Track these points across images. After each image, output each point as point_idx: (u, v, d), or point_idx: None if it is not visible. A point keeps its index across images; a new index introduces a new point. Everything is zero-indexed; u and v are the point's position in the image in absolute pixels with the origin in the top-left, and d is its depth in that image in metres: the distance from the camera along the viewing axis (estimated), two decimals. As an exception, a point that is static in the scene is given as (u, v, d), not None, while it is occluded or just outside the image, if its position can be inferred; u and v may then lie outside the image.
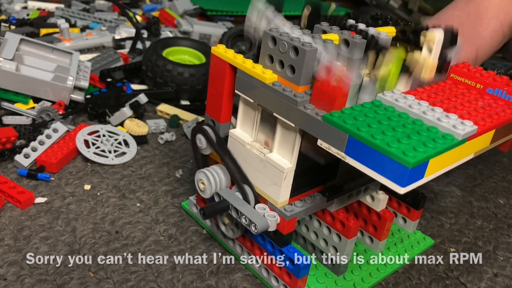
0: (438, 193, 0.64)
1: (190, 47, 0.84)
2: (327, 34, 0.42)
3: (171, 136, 0.68)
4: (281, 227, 0.41)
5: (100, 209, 0.52)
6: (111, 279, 0.43)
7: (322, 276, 0.46)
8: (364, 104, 0.36)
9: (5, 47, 0.68)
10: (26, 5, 1.15)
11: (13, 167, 0.58)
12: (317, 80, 0.36)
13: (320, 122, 0.34)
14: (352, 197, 0.47)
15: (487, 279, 0.49)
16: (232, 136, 0.44)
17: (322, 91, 0.35)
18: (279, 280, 0.44)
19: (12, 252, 0.45)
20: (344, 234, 0.45)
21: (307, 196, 0.43)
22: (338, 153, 0.34)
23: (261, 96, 0.39)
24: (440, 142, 0.32)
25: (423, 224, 0.57)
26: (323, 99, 0.36)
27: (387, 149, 0.30)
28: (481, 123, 0.37)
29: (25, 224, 0.49)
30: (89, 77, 0.73)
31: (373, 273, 0.47)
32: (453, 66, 0.44)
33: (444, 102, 0.39)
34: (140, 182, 0.58)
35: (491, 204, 0.63)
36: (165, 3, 1.28)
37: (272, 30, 0.38)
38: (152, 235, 0.49)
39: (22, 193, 0.51)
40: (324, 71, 0.35)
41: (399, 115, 0.35)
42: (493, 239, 0.55)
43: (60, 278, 0.43)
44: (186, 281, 0.44)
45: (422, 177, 0.32)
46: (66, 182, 0.56)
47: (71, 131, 0.64)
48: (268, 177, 0.41)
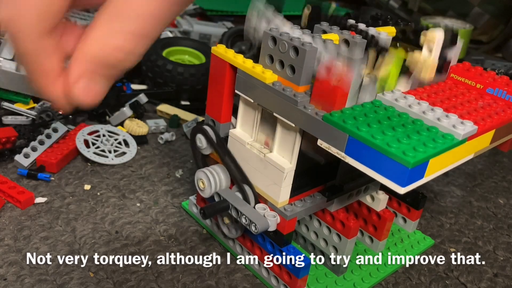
0: (438, 193, 0.64)
1: (190, 47, 0.84)
2: (327, 34, 0.42)
3: (171, 136, 0.68)
4: (281, 227, 0.41)
5: (100, 209, 0.52)
6: (111, 279, 0.43)
7: (322, 276, 0.46)
8: (364, 104, 0.36)
9: (5, 47, 0.68)
10: (26, 5, 1.15)
11: (13, 167, 0.58)
12: (317, 80, 0.36)
13: (320, 122, 0.34)
14: (352, 197, 0.47)
15: (487, 279, 0.49)
16: (232, 136, 0.44)
17: (322, 91, 0.35)
18: (279, 280, 0.44)
19: (12, 252, 0.45)
20: (344, 234, 0.45)
21: (307, 196, 0.43)
22: (338, 153, 0.34)
23: (261, 96, 0.39)
24: (440, 142, 0.32)
25: (423, 224, 0.57)
26: (323, 98, 0.36)
27: (387, 149, 0.30)
28: (481, 123, 0.37)
29: (25, 224, 0.49)
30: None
31: (373, 273, 0.47)
32: (453, 66, 0.44)
33: (444, 102, 0.39)
34: (140, 182, 0.58)
35: (491, 204, 0.63)
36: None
37: (272, 30, 0.38)
38: (152, 235, 0.49)
39: (22, 193, 0.51)
40: (324, 71, 0.35)
41: (399, 115, 0.35)
42: (493, 239, 0.55)
43: (60, 278, 0.43)
44: (186, 281, 0.44)
45: (422, 177, 0.32)
46: (66, 182, 0.56)
47: (71, 131, 0.64)
48: (268, 177, 0.41)
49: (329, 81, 0.35)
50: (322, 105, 0.36)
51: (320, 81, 0.35)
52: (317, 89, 0.36)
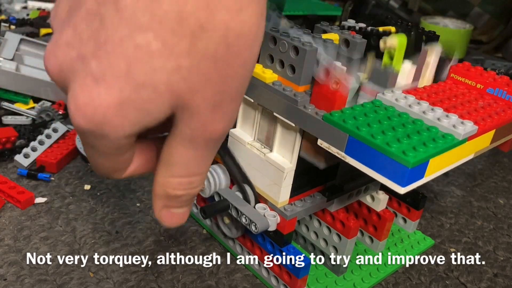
0: (438, 193, 0.64)
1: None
2: (327, 34, 0.42)
3: (171, 136, 0.68)
4: (281, 227, 0.41)
5: (100, 209, 0.52)
6: (111, 279, 0.43)
7: (322, 276, 0.46)
8: (364, 103, 0.36)
9: (5, 47, 0.68)
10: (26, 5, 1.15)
11: (13, 167, 0.58)
12: (317, 83, 0.36)
13: (320, 121, 0.34)
14: (352, 197, 0.47)
15: (487, 279, 0.49)
16: (232, 135, 0.44)
17: (322, 94, 0.35)
18: (279, 280, 0.44)
19: (12, 252, 0.45)
20: (344, 234, 0.44)
21: (307, 196, 0.43)
22: (338, 153, 0.34)
23: (261, 96, 0.39)
24: (440, 142, 0.32)
25: (423, 224, 0.57)
26: (323, 101, 0.36)
27: (387, 149, 0.30)
28: (481, 123, 0.37)
29: (25, 224, 0.49)
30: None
31: (373, 273, 0.47)
32: (454, 66, 0.44)
33: (444, 102, 0.39)
34: (140, 182, 0.58)
35: (491, 204, 0.63)
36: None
37: (272, 30, 0.38)
38: (152, 235, 0.49)
39: (22, 193, 0.51)
40: (323, 74, 0.35)
41: (399, 114, 0.35)
42: (493, 239, 0.55)
43: (60, 278, 0.43)
44: (186, 281, 0.44)
45: (422, 177, 0.32)
46: (66, 182, 0.56)
47: (71, 131, 0.64)
48: (268, 177, 0.41)
49: (328, 86, 0.35)
50: (322, 106, 0.36)
51: (319, 84, 0.35)
52: (316, 91, 0.36)
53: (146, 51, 0.20)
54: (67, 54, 0.22)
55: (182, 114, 0.23)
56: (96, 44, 0.21)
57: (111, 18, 0.20)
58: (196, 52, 0.21)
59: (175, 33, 0.20)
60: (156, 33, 0.20)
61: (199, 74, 0.22)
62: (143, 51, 0.20)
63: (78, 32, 0.21)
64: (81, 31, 0.21)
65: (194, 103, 0.22)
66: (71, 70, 0.22)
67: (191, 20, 0.20)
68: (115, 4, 0.20)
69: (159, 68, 0.21)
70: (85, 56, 0.21)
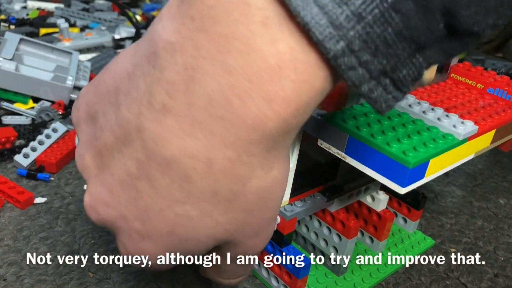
0: (438, 193, 0.63)
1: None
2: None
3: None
4: (281, 227, 0.41)
5: (100, 209, 0.52)
6: (111, 279, 0.43)
7: (322, 276, 0.46)
8: (364, 103, 0.36)
9: (5, 47, 0.68)
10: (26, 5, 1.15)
11: (12, 167, 0.57)
12: None
13: (320, 121, 0.34)
14: (352, 197, 0.47)
15: (487, 279, 0.49)
16: (232, 136, 0.43)
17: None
18: (279, 280, 0.44)
19: (11, 252, 0.45)
20: (344, 234, 0.44)
21: (307, 196, 0.43)
22: (338, 153, 0.34)
23: (261, 96, 0.39)
24: (441, 142, 0.32)
25: (423, 224, 0.56)
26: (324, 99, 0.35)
27: (387, 149, 0.30)
28: (481, 123, 0.36)
29: (24, 224, 0.49)
30: (88, 77, 0.73)
31: (373, 274, 0.47)
32: (454, 65, 0.44)
33: (444, 102, 0.39)
34: (140, 182, 0.58)
35: (492, 204, 0.63)
36: (165, 3, 1.28)
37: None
38: (152, 235, 0.49)
39: (21, 193, 0.51)
40: None
41: (399, 114, 0.35)
42: (494, 239, 0.55)
43: (59, 278, 0.43)
44: (186, 281, 0.44)
45: (423, 177, 0.32)
46: (66, 182, 0.56)
47: (71, 131, 0.64)
48: (268, 177, 0.41)
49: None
50: (322, 105, 0.36)
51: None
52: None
53: (186, 217, 0.23)
54: (108, 213, 0.25)
55: (227, 245, 0.27)
56: (137, 209, 0.24)
57: (148, 192, 0.23)
58: (233, 211, 0.24)
59: (211, 203, 0.23)
60: (193, 205, 0.23)
61: (238, 224, 0.25)
62: (183, 217, 0.23)
63: (115, 196, 0.25)
64: (118, 196, 0.24)
65: (236, 239, 0.26)
66: (114, 225, 0.26)
67: (225, 191, 0.23)
68: (150, 181, 0.23)
69: (199, 227, 0.24)
70: (127, 218, 0.24)
